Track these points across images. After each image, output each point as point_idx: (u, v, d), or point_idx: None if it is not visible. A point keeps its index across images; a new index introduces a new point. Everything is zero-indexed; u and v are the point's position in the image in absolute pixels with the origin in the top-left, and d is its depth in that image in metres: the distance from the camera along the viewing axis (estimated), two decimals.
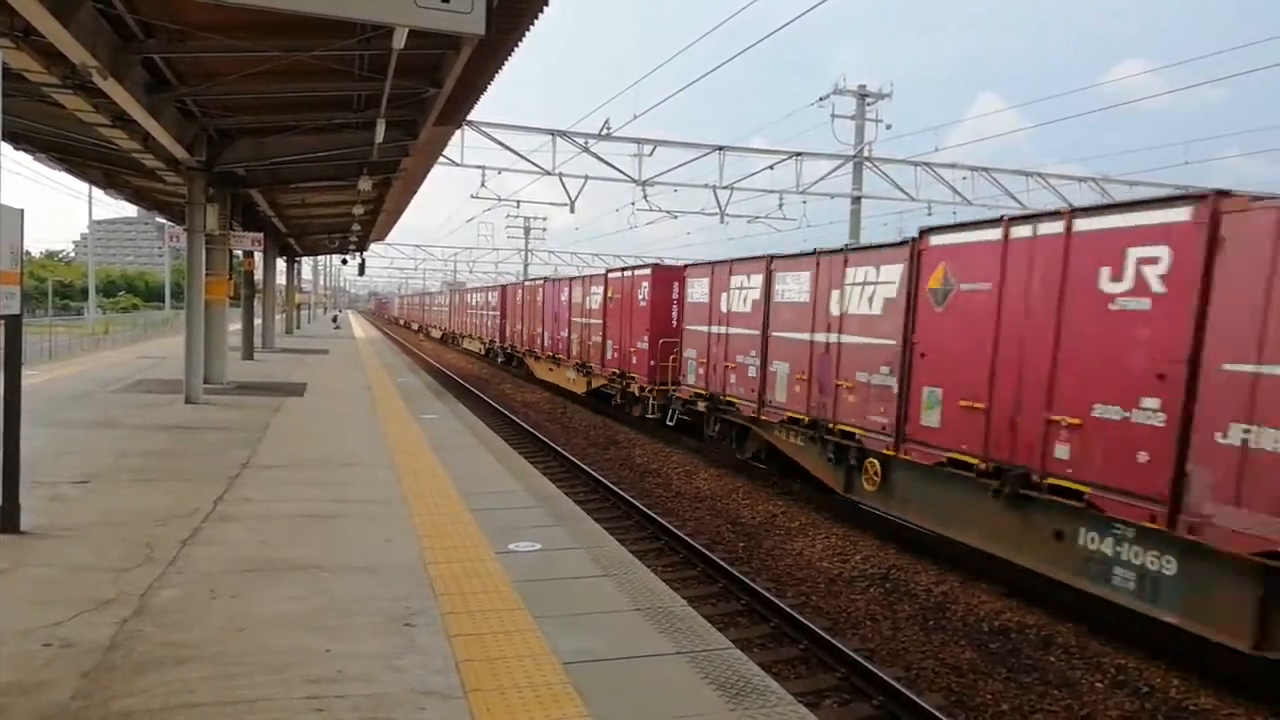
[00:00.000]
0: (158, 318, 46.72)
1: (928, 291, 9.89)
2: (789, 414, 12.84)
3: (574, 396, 25.01)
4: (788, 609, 8.23)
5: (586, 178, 25.43)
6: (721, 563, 9.68)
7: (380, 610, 4.94)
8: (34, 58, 8.58)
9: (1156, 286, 7.17)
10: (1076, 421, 7.80)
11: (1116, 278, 7.52)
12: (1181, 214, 7.04)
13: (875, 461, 10.87)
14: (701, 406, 16.01)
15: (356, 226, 28.66)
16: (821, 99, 26.22)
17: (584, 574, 5.87)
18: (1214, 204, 6.77)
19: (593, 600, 5.34)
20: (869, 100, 26.39)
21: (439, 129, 14.04)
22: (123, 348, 28.27)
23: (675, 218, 31.12)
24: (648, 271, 19.53)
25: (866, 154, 26.57)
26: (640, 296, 19.26)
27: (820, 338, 12.12)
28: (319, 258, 61.24)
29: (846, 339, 11.50)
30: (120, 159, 14.93)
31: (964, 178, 27.49)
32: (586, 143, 23.69)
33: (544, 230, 64.30)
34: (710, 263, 16.44)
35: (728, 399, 14.90)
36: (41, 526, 6.24)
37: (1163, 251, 7.12)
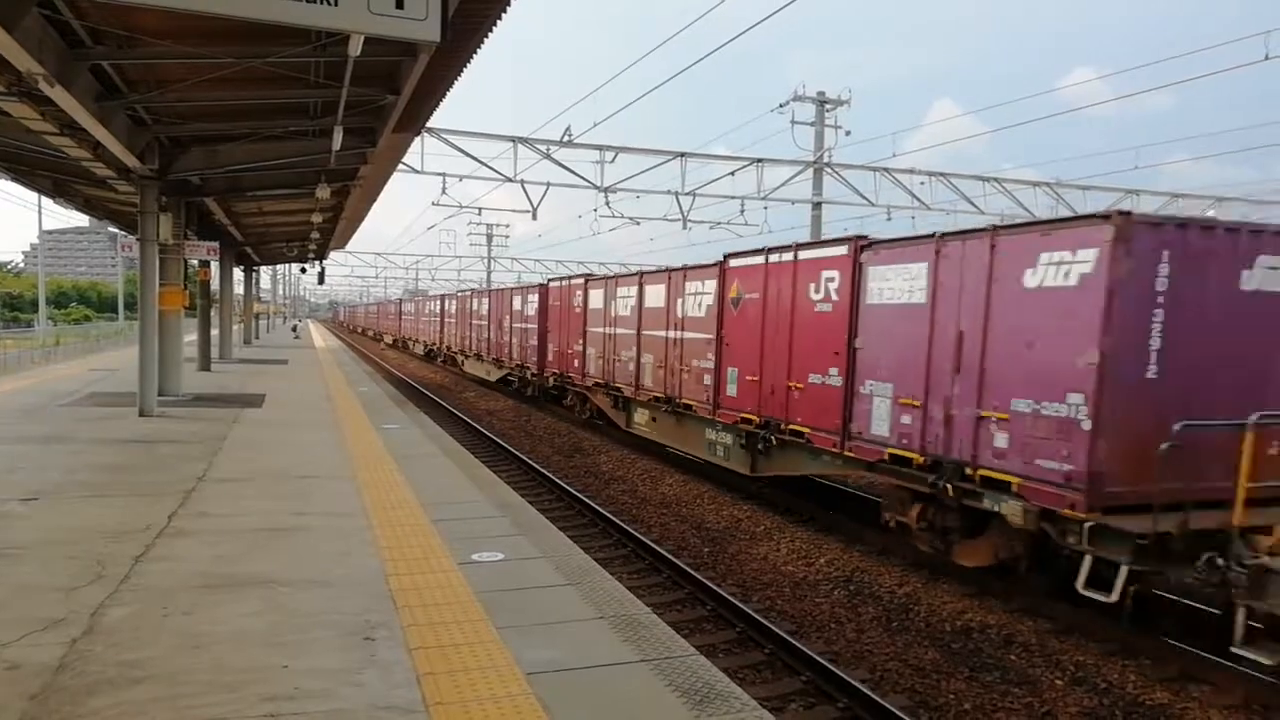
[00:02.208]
0: (111, 329, 45.78)
1: None
2: None
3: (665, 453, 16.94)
4: (753, 613, 8.25)
5: (548, 184, 25.37)
6: (687, 568, 9.69)
7: (339, 624, 4.86)
8: None
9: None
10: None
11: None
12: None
13: None
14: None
15: (315, 235, 28.28)
16: (781, 106, 26.41)
17: (548, 583, 5.83)
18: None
19: (557, 609, 5.31)
20: (828, 107, 26.62)
21: (398, 136, 13.91)
22: (75, 360, 27.63)
23: (638, 224, 31.19)
24: (980, 242, 8.60)
25: (826, 160, 26.83)
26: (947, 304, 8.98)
27: None
28: (278, 266, 60.35)
29: None
30: (70, 168, 14.59)
31: (922, 183, 27.87)
32: (548, 149, 23.63)
33: (506, 238, 64.00)
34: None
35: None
36: None
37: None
